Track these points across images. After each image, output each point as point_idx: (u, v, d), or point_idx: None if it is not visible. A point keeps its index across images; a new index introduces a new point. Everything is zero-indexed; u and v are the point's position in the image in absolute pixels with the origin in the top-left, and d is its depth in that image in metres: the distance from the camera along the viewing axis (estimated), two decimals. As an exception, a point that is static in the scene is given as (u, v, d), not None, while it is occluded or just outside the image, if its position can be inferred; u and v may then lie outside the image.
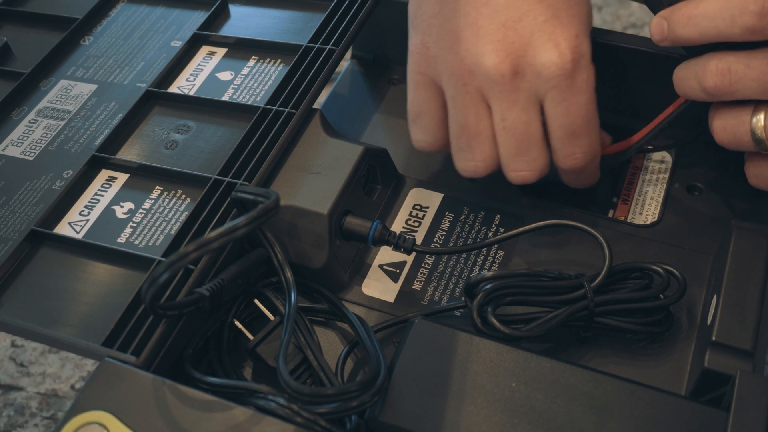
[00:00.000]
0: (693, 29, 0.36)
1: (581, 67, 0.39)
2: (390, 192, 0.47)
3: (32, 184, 0.45)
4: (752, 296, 0.36)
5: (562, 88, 0.39)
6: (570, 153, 0.41)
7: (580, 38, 0.39)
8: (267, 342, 0.39)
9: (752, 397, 0.31)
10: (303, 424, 0.33)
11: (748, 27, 0.34)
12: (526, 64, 0.39)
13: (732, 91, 0.36)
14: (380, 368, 0.35)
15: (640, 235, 0.44)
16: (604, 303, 0.39)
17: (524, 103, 0.40)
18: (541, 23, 0.39)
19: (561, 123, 0.40)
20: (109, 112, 0.49)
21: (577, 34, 0.39)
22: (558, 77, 0.39)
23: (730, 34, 0.35)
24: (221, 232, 0.34)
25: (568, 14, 0.39)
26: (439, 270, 0.44)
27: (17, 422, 0.62)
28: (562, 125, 0.40)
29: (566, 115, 0.40)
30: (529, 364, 0.35)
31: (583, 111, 0.40)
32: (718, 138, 0.38)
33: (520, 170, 0.41)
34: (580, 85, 0.39)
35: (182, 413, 0.33)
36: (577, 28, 0.39)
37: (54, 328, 0.38)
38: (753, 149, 0.37)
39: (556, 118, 0.40)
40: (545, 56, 0.39)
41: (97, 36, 0.55)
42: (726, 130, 0.38)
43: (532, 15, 0.39)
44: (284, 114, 0.45)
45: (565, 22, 0.39)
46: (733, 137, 0.38)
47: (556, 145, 0.41)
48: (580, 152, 0.41)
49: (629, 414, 0.34)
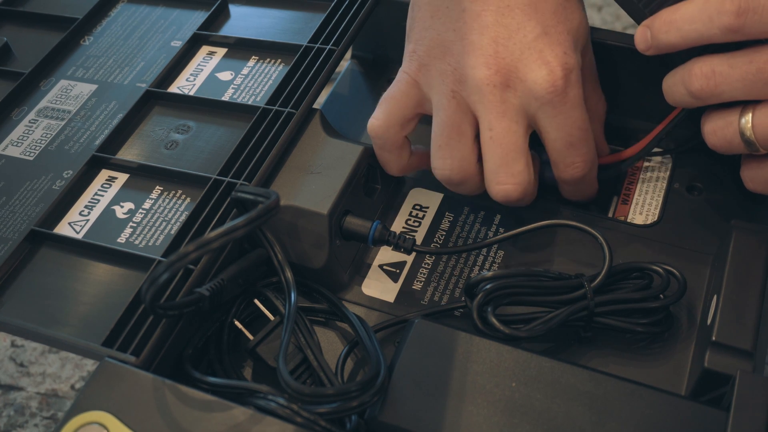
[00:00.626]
0: (674, 34, 0.37)
1: (572, 82, 0.40)
2: (390, 192, 0.47)
3: (32, 184, 0.45)
4: (752, 296, 0.36)
5: (556, 104, 0.40)
6: (570, 163, 0.42)
7: (569, 54, 0.40)
8: (267, 342, 0.39)
9: (752, 397, 0.31)
10: (303, 424, 0.33)
11: (727, 26, 0.34)
12: (517, 80, 0.39)
13: (718, 93, 0.36)
14: (380, 368, 0.35)
15: (640, 235, 0.44)
16: (604, 303, 0.39)
17: (513, 115, 0.40)
18: (531, 41, 0.40)
19: (558, 136, 0.41)
20: (109, 112, 0.49)
21: (566, 50, 0.40)
22: (550, 94, 0.39)
23: (711, 35, 0.35)
24: (221, 232, 0.34)
25: (558, 30, 0.40)
26: (439, 270, 0.44)
27: (17, 422, 0.62)
28: (559, 138, 0.41)
29: (563, 128, 0.41)
30: (529, 364, 0.35)
31: (579, 122, 0.41)
32: (710, 142, 0.38)
33: (504, 183, 0.41)
34: (573, 99, 0.40)
35: (182, 413, 0.33)
36: (565, 45, 0.40)
37: (54, 328, 0.38)
38: (744, 151, 0.37)
39: (552, 131, 0.41)
40: (536, 74, 0.39)
41: (97, 36, 0.55)
42: (716, 134, 0.38)
43: (522, 32, 0.40)
44: (284, 114, 0.45)
45: (554, 39, 0.40)
46: (724, 140, 0.38)
47: (555, 158, 0.42)
48: (579, 161, 0.42)
49: (629, 414, 0.34)
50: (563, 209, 0.46)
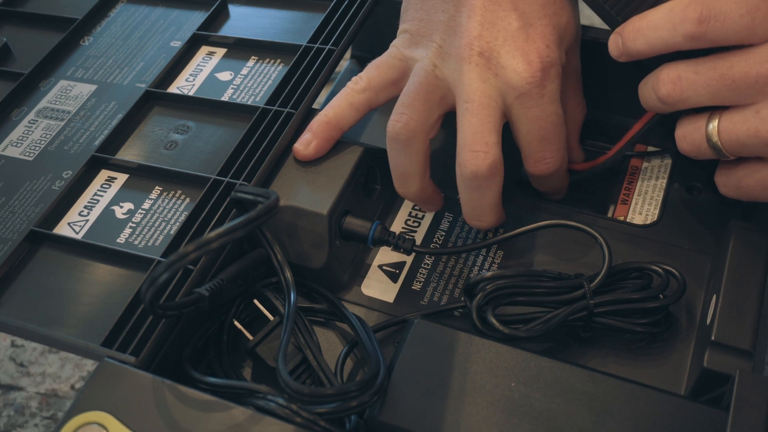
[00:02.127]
0: (642, 41, 0.37)
1: (550, 76, 0.40)
2: (390, 192, 0.47)
3: (32, 184, 0.45)
4: (751, 296, 0.36)
5: (532, 96, 0.40)
6: (541, 158, 0.42)
7: (551, 48, 0.40)
8: (266, 342, 0.39)
9: (752, 397, 0.31)
10: (302, 424, 0.33)
11: (689, 34, 0.35)
12: (498, 65, 0.40)
13: (684, 99, 0.36)
14: (380, 368, 0.35)
15: (640, 235, 0.44)
16: (603, 303, 0.39)
17: (491, 93, 0.40)
18: (515, 30, 0.40)
19: (531, 129, 0.41)
20: (109, 113, 0.49)
21: (548, 44, 0.40)
22: (527, 86, 0.39)
23: (675, 43, 0.36)
24: (221, 232, 0.34)
25: (543, 24, 0.40)
26: (439, 270, 0.44)
27: (17, 422, 0.62)
28: (532, 131, 0.41)
29: (536, 121, 0.41)
30: (528, 364, 0.35)
31: (553, 117, 0.41)
32: (680, 147, 0.39)
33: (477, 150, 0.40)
34: (551, 94, 0.40)
35: (182, 413, 0.33)
36: (549, 39, 0.40)
37: (54, 328, 0.38)
38: (713, 156, 0.37)
39: (526, 123, 0.41)
40: (515, 64, 0.39)
41: (97, 36, 0.55)
42: (686, 139, 0.38)
43: (507, 20, 0.40)
44: (284, 114, 0.45)
45: (538, 31, 0.40)
46: (692, 145, 0.38)
47: (526, 152, 0.42)
48: (550, 157, 0.42)
49: (629, 414, 0.34)
50: (563, 209, 0.46)
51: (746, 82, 0.34)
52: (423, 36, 0.43)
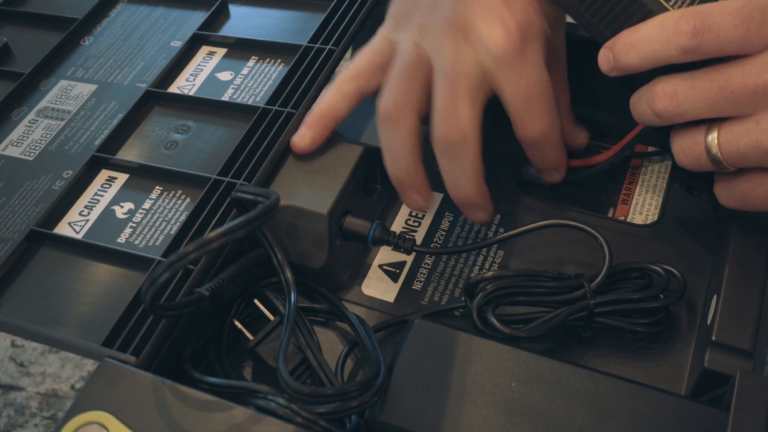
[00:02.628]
0: (634, 56, 0.36)
1: (530, 41, 0.39)
2: (390, 192, 0.47)
3: (32, 184, 0.45)
4: (752, 296, 0.36)
5: (511, 61, 0.39)
6: (529, 120, 0.41)
7: (530, 15, 0.40)
8: (267, 342, 0.39)
9: (752, 397, 0.31)
10: (303, 424, 0.33)
11: (683, 47, 0.34)
12: (475, 36, 0.40)
13: (681, 113, 0.36)
14: (380, 368, 0.35)
15: (640, 235, 0.44)
16: (603, 303, 0.39)
17: (469, 66, 0.40)
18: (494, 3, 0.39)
19: (514, 92, 0.40)
20: (109, 113, 0.49)
21: (529, 14, 0.40)
22: (505, 51, 0.39)
23: (668, 56, 0.35)
24: (221, 232, 0.34)
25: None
26: (439, 270, 0.44)
27: (17, 422, 0.62)
28: (516, 93, 0.40)
29: (519, 85, 0.40)
30: (528, 364, 0.35)
31: (538, 79, 0.40)
32: (679, 160, 0.38)
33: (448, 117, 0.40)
34: (532, 57, 0.40)
35: (182, 413, 0.33)
36: (530, 10, 0.40)
37: (54, 328, 0.38)
38: (712, 168, 0.37)
39: (509, 88, 0.40)
40: (492, 31, 0.39)
41: (97, 36, 0.55)
42: (684, 152, 0.38)
43: None
44: (284, 114, 0.45)
45: (518, 4, 0.40)
46: (692, 158, 0.37)
47: (514, 117, 0.41)
48: (538, 120, 0.41)
49: (629, 414, 0.34)
50: (563, 209, 0.46)
51: (745, 93, 0.34)
52: (406, 18, 0.43)
